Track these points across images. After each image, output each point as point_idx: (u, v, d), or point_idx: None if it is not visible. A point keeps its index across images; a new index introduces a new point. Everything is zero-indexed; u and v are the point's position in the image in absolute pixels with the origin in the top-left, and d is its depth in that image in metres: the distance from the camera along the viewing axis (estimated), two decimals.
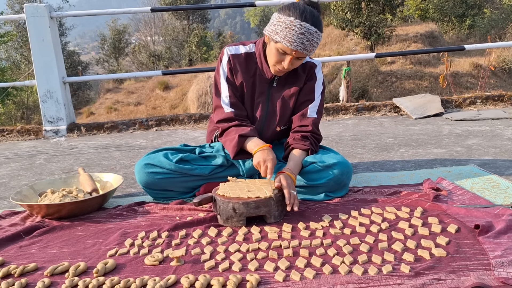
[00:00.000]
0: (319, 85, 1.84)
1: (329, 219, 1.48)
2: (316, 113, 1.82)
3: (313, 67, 1.83)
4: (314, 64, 1.84)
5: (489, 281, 1.03)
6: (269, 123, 1.84)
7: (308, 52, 1.61)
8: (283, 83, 1.81)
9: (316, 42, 1.60)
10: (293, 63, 1.65)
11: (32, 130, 4.02)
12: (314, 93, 1.83)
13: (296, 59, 1.64)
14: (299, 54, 1.60)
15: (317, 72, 1.84)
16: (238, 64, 1.78)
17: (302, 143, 1.75)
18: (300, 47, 1.57)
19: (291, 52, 1.59)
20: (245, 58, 1.79)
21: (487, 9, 20.14)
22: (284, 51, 1.61)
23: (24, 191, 1.83)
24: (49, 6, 3.91)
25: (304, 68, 1.82)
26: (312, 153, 1.76)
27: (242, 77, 1.79)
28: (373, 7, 15.47)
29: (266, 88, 1.80)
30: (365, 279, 1.09)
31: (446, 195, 1.65)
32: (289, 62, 1.62)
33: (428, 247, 1.24)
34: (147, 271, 1.22)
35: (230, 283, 1.09)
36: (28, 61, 20.61)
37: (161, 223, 1.57)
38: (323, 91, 1.86)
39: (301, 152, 1.74)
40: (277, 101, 1.81)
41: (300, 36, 1.56)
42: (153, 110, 16.77)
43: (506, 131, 2.86)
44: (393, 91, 13.84)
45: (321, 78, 1.86)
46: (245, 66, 1.79)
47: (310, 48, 1.60)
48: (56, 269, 1.24)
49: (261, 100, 1.81)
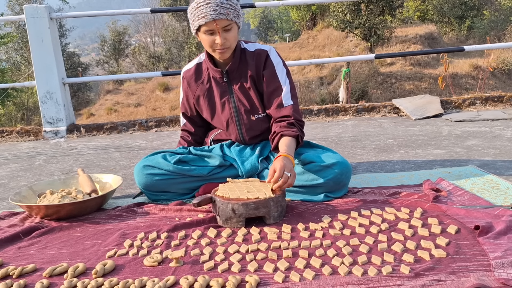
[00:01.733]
0: (279, 69, 1.83)
1: (328, 220, 1.47)
2: (291, 99, 1.81)
3: (263, 54, 1.82)
4: (263, 50, 1.84)
5: (489, 282, 1.03)
6: (242, 116, 1.87)
7: (226, 16, 1.63)
8: (236, 76, 1.83)
9: (229, 4, 1.63)
10: (226, 37, 1.68)
11: (31, 131, 4.01)
12: (278, 79, 1.81)
13: (225, 31, 1.67)
14: (221, 22, 1.63)
15: (272, 58, 1.83)
16: (189, 77, 1.91)
17: (290, 130, 1.74)
18: (213, 14, 1.61)
19: (213, 25, 1.64)
20: (194, 70, 1.91)
21: (486, 10, 20.17)
22: (209, 30, 1.66)
23: (23, 192, 1.83)
24: (49, 7, 3.91)
25: (253, 56, 1.82)
26: (301, 139, 1.75)
27: (197, 87, 1.90)
28: (372, 9, 15.49)
29: (226, 86, 1.85)
30: (364, 280, 1.09)
31: (446, 195, 1.65)
32: (220, 36, 1.66)
33: (428, 248, 1.24)
34: (146, 272, 1.21)
35: (229, 284, 1.09)
36: (28, 63, 20.60)
37: (161, 224, 1.57)
38: (288, 73, 1.85)
39: (291, 139, 1.72)
40: (238, 95, 1.84)
41: (208, 6, 1.61)
42: (153, 111, 16.77)
43: (506, 132, 2.86)
44: (392, 92, 13.85)
45: (280, 62, 1.84)
46: (196, 76, 1.90)
47: (225, 11, 1.62)
48: (54, 270, 1.23)
49: (226, 99, 1.86)
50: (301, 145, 1.78)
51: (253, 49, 1.83)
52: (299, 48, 20.45)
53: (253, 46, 1.85)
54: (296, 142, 1.74)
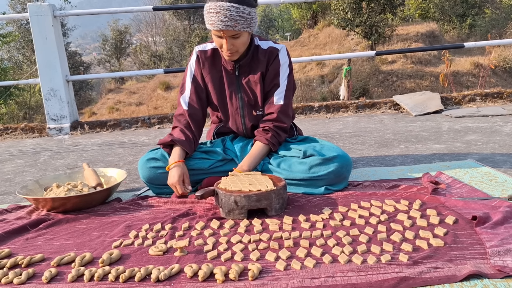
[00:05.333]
0: (284, 69, 1.86)
1: (329, 212, 1.50)
2: (283, 99, 1.84)
3: (274, 52, 1.85)
4: (275, 48, 1.86)
5: (485, 269, 1.06)
6: (245, 110, 1.91)
7: (233, 27, 1.64)
8: (247, 70, 1.86)
9: (239, 15, 1.64)
10: (233, 43, 1.70)
11: (35, 128, 4.05)
12: (279, 77, 1.85)
13: (233, 38, 1.69)
14: (228, 32, 1.66)
15: (280, 56, 1.86)
16: (205, 59, 1.88)
17: (263, 136, 1.81)
18: (221, 25, 1.63)
19: (220, 33, 1.67)
20: (211, 54, 1.88)
21: (488, 8, 20.13)
22: (217, 35, 1.69)
23: (30, 186, 1.86)
24: (52, 5, 3.94)
25: (265, 53, 1.85)
26: (273, 148, 1.83)
27: (209, 71, 1.88)
28: (373, 7, 15.48)
29: (234, 78, 1.88)
30: (364, 267, 1.12)
31: (445, 188, 1.67)
32: (226, 43, 1.69)
33: (426, 237, 1.27)
34: (151, 261, 1.24)
35: (232, 271, 1.12)
36: (30, 61, 20.67)
37: (165, 215, 1.60)
38: (290, 74, 1.87)
39: (262, 146, 1.81)
40: (245, 89, 1.87)
41: (217, 15, 1.63)
42: (155, 110, 16.81)
43: (505, 127, 2.89)
44: (393, 90, 13.85)
45: (286, 62, 1.87)
46: (212, 61, 1.88)
47: (233, 23, 1.63)
48: (62, 259, 1.27)
49: (232, 90, 1.89)
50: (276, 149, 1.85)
51: (266, 47, 1.86)
52: (300, 47, 20.45)
53: (267, 44, 1.87)
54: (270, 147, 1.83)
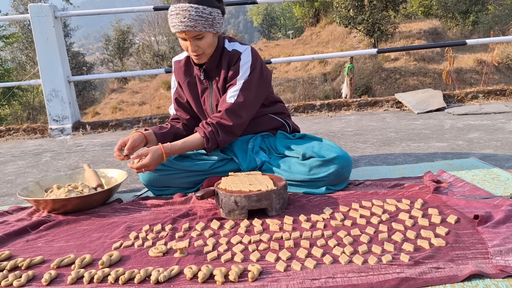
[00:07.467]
0: (243, 69, 1.81)
1: (330, 212, 1.50)
2: (235, 98, 1.78)
3: (236, 54, 1.83)
4: (237, 51, 1.84)
5: (487, 269, 1.05)
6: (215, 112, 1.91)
7: (193, 28, 1.66)
8: (214, 74, 1.87)
9: (199, 15, 1.65)
10: (198, 45, 1.73)
11: (38, 129, 4.06)
12: (237, 77, 1.81)
13: (197, 40, 1.72)
14: (190, 33, 1.68)
15: (242, 58, 1.82)
16: (179, 68, 1.95)
17: (202, 129, 1.79)
18: (181, 26, 1.66)
19: (182, 35, 1.70)
20: (184, 62, 1.94)
21: (491, 5, 20.02)
22: (181, 37, 1.73)
23: (31, 187, 1.86)
24: (53, 6, 3.95)
25: (226, 56, 1.84)
26: (206, 144, 1.77)
27: (184, 79, 1.93)
28: (376, 4, 15.44)
29: (207, 83, 1.90)
30: (365, 268, 1.11)
31: (447, 187, 1.66)
32: (190, 44, 1.71)
33: (428, 237, 1.26)
34: (151, 263, 1.24)
35: (232, 273, 1.12)
36: (33, 62, 20.72)
37: (165, 216, 1.60)
38: (252, 74, 1.80)
39: (198, 137, 1.78)
40: (216, 92, 1.89)
41: (177, 17, 1.66)
42: (158, 110, 16.82)
43: (508, 124, 2.86)
44: (396, 88, 13.79)
45: (248, 62, 1.81)
46: (186, 69, 1.93)
47: (192, 23, 1.65)
48: (62, 261, 1.26)
49: (205, 95, 1.92)
50: (210, 149, 1.80)
51: (230, 49, 1.84)
52: (303, 45, 20.42)
53: (232, 46, 1.85)
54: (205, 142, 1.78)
